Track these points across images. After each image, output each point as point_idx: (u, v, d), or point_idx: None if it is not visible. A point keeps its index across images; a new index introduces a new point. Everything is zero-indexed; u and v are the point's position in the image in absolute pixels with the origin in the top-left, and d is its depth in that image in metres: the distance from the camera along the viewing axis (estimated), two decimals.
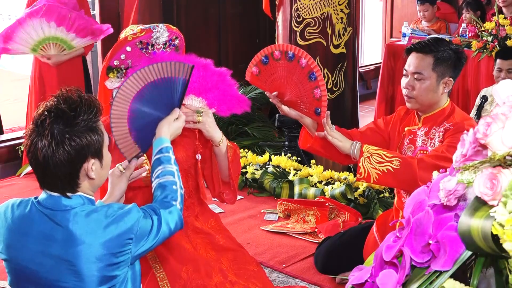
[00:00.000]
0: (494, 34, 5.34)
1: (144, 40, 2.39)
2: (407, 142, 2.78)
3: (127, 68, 2.42)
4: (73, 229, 1.72)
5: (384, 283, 1.49)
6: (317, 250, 3.16)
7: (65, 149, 1.70)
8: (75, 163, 1.73)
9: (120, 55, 2.39)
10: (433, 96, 2.70)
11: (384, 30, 8.28)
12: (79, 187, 1.78)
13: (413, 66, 2.70)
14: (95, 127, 1.76)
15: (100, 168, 1.80)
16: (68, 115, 1.71)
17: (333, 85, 4.75)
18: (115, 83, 2.43)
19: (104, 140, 1.80)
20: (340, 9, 4.65)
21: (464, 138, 1.48)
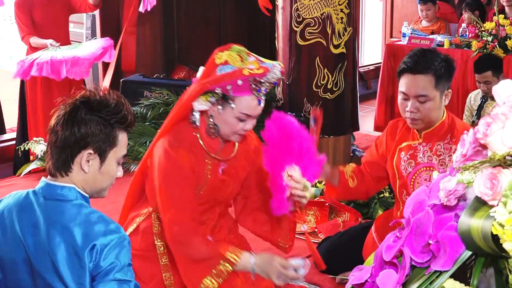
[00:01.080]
0: (494, 34, 5.34)
1: (258, 78, 2.26)
2: (407, 157, 2.72)
3: (224, 96, 2.28)
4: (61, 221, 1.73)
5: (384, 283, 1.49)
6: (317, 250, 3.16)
7: (73, 127, 1.74)
8: (74, 145, 1.75)
9: (227, 85, 2.25)
10: (438, 113, 2.64)
11: (384, 30, 8.29)
12: (70, 172, 1.77)
13: (415, 89, 2.57)
14: (112, 128, 1.78)
15: (97, 168, 1.79)
16: (95, 102, 1.77)
17: (333, 85, 4.75)
18: (203, 106, 2.30)
19: (114, 148, 1.80)
20: (340, 9, 4.64)
21: (464, 138, 1.48)
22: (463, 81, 5.60)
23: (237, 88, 2.25)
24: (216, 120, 2.32)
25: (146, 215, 2.47)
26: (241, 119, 2.30)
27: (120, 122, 1.79)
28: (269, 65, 2.29)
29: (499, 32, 5.32)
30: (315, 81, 4.72)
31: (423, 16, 6.51)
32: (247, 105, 2.28)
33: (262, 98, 2.31)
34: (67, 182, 1.78)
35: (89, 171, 1.78)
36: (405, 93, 2.60)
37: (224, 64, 2.28)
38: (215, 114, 2.31)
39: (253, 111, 2.30)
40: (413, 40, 5.94)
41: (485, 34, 5.40)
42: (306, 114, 4.76)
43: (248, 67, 2.25)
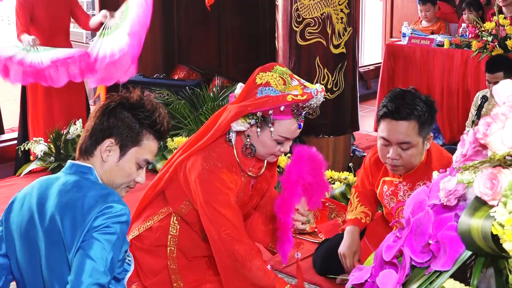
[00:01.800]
0: (494, 34, 5.34)
1: (301, 104, 2.25)
2: (390, 193, 2.69)
3: (264, 118, 2.27)
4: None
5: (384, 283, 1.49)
6: (316, 252, 3.16)
7: (103, 117, 1.85)
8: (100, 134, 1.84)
9: (269, 111, 2.23)
10: (419, 158, 2.55)
11: (384, 30, 8.29)
12: (92, 156, 1.86)
13: (398, 136, 2.46)
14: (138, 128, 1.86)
15: (116, 160, 1.86)
16: (132, 103, 1.87)
17: (333, 85, 4.75)
18: (242, 127, 2.29)
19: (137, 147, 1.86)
20: (340, 9, 4.64)
21: (464, 138, 1.48)
22: (463, 81, 5.61)
23: (278, 112, 2.23)
24: (253, 141, 2.32)
25: (165, 214, 2.48)
26: (279, 142, 2.30)
27: (150, 126, 1.87)
28: (313, 91, 2.26)
29: (499, 32, 5.33)
30: (315, 81, 4.72)
31: (423, 16, 6.51)
32: (286, 129, 2.28)
33: (302, 121, 2.31)
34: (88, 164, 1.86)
35: (107, 161, 1.85)
36: (387, 139, 2.49)
37: (265, 86, 2.25)
38: (253, 135, 2.30)
39: (292, 134, 2.31)
40: (413, 40, 5.94)
41: (485, 34, 5.40)
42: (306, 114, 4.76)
43: (292, 92, 2.23)
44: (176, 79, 5.85)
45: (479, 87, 5.11)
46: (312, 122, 4.78)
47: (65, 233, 1.74)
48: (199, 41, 6.21)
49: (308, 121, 4.77)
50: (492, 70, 4.57)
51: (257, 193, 2.48)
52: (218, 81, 5.64)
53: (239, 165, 2.37)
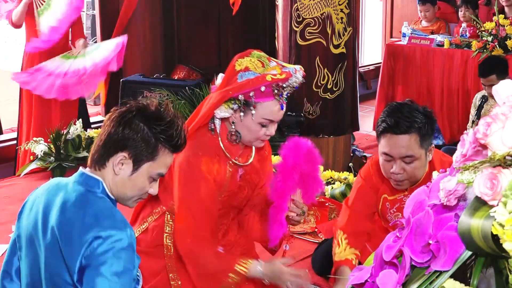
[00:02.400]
0: (494, 34, 5.34)
1: (281, 83, 2.26)
2: (394, 210, 2.63)
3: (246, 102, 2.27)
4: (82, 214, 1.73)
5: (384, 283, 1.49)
6: (315, 253, 3.16)
7: (119, 127, 1.76)
8: (114, 145, 1.77)
9: (250, 92, 2.24)
10: (424, 169, 2.50)
11: (384, 30, 8.29)
12: (103, 167, 1.79)
13: (401, 150, 2.42)
14: (156, 143, 1.77)
15: (128, 174, 1.78)
16: (152, 114, 1.78)
17: (333, 85, 4.75)
18: (225, 113, 2.30)
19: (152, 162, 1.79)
20: (340, 9, 4.64)
21: (464, 138, 1.48)
22: (463, 81, 5.61)
23: (259, 94, 2.23)
24: (238, 127, 2.31)
25: (159, 214, 2.47)
26: (263, 125, 2.30)
27: (167, 141, 1.79)
28: (291, 70, 2.28)
29: (499, 32, 5.33)
30: (315, 81, 4.72)
31: (422, 16, 6.52)
32: (269, 111, 2.28)
33: (284, 103, 2.30)
34: (98, 175, 1.80)
35: (119, 174, 1.78)
36: (389, 154, 2.46)
37: (245, 71, 2.27)
38: (237, 120, 2.30)
39: (275, 116, 2.30)
40: (413, 40, 5.94)
41: (485, 34, 5.40)
42: (306, 114, 4.77)
43: (270, 72, 2.24)
44: (176, 79, 5.85)
45: (479, 87, 5.11)
46: (312, 122, 4.78)
47: (64, 251, 1.71)
48: (199, 41, 6.21)
49: (308, 121, 4.78)
50: (484, 74, 4.58)
51: (247, 184, 2.45)
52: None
53: (225, 153, 2.37)
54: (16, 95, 5.21)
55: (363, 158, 5.19)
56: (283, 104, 2.30)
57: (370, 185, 2.70)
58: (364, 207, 2.72)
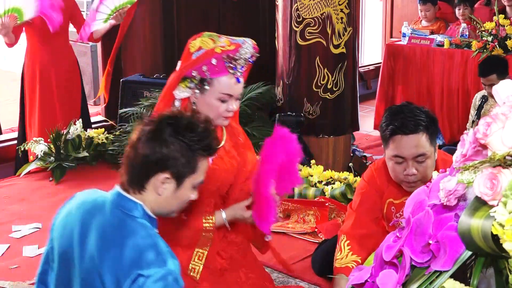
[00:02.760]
0: (494, 34, 5.34)
1: (232, 54, 2.30)
2: (400, 214, 2.55)
3: (202, 80, 2.31)
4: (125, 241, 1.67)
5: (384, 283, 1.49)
6: (314, 253, 3.16)
7: (154, 147, 1.69)
8: (153, 166, 1.70)
9: (202, 67, 2.29)
10: (433, 169, 2.46)
11: (384, 30, 8.28)
12: (144, 190, 1.73)
13: (413, 150, 2.41)
14: (193, 155, 1.72)
15: (172, 192, 1.74)
16: (182, 123, 1.72)
17: (333, 85, 4.75)
18: (184, 93, 2.34)
19: (193, 175, 1.74)
20: (340, 9, 4.64)
21: (464, 138, 1.48)
22: (463, 81, 5.61)
23: (213, 69, 2.29)
24: (199, 106, 2.35)
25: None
26: (222, 100, 2.33)
27: (204, 150, 1.74)
28: (240, 41, 2.35)
29: (499, 32, 5.33)
30: (315, 81, 4.72)
31: (423, 16, 6.52)
32: (225, 85, 2.32)
33: (240, 76, 2.35)
34: (137, 199, 1.73)
35: (163, 194, 1.73)
36: (401, 156, 2.42)
37: (198, 50, 2.33)
38: (197, 100, 2.35)
39: (233, 90, 2.34)
40: (413, 40, 5.94)
41: (485, 34, 5.40)
42: (306, 114, 4.77)
43: (219, 45, 2.31)
44: None
45: (479, 87, 5.11)
46: (312, 122, 4.78)
47: (105, 278, 1.65)
48: None
49: (308, 121, 4.78)
50: (484, 73, 4.58)
51: (222, 169, 2.44)
52: None
53: None
54: (16, 95, 5.20)
55: (363, 158, 5.19)
56: (239, 78, 2.35)
57: (375, 189, 2.68)
58: (369, 211, 2.69)
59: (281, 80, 4.91)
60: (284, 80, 4.85)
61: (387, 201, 2.66)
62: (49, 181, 4.33)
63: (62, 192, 4.08)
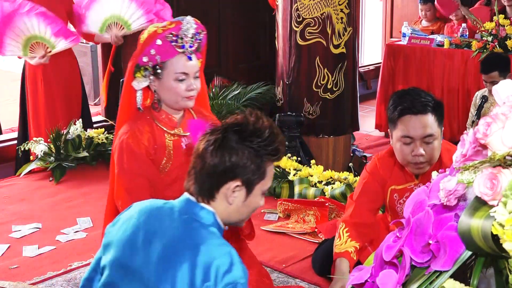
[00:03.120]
0: (494, 34, 5.34)
1: (174, 32, 2.36)
2: (404, 200, 2.62)
3: (154, 66, 2.38)
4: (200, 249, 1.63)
5: (384, 283, 1.49)
6: (315, 253, 3.16)
7: (223, 155, 1.67)
8: (223, 175, 1.68)
9: (150, 50, 2.35)
10: (439, 151, 2.51)
11: (384, 30, 8.29)
12: (214, 200, 1.71)
13: (422, 130, 2.43)
14: (262, 160, 1.69)
15: (242, 200, 1.72)
16: (248, 129, 1.69)
17: (333, 85, 4.75)
18: (143, 82, 2.40)
19: (262, 181, 1.71)
20: (340, 9, 4.65)
21: (464, 138, 1.48)
22: (463, 81, 5.61)
23: (161, 51, 2.35)
24: (160, 93, 2.41)
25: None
26: (179, 79, 2.38)
27: (271, 154, 1.71)
28: (180, 19, 2.41)
29: (499, 32, 5.33)
30: (315, 81, 4.72)
31: (423, 16, 6.53)
32: (178, 64, 2.38)
33: (191, 54, 2.41)
34: (209, 207, 1.72)
35: (234, 203, 1.71)
36: (410, 136, 2.45)
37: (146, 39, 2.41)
38: (157, 87, 2.41)
39: (186, 68, 2.39)
40: (413, 40, 5.94)
41: (485, 34, 5.40)
42: (306, 114, 4.77)
43: (160, 26, 2.38)
44: None
45: (479, 87, 5.11)
46: (312, 122, 4.79)
47: (174, 283, 1.62)
48: None
49: (308, 121, 4.79)
50: (486, 70, 4.58)
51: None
52: (218, 81, 5.64)
53: (159, 126, 2.46)
54: (16, 95, 5.20)
55: (363, 158, 5.19)
56: (190, 55, 2.41)
57: (377, 180, 2.70)
58: (369, 201, 2.72)
59: (281, 80, 4.91)
60: (284, 80, 4.85)
61: (389, 189, 2.67)
62: (49, 181, 4.33)
63: (62, 192, 4.08)
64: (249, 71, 6.35)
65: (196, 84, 2.43)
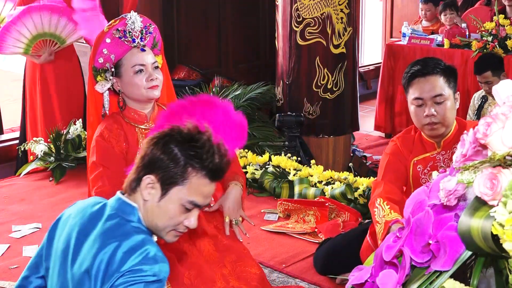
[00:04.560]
0: (494, 34, 5.34)
1: (121, 27, 2.42)
2: (428, 169, 2.67)
3: (112, 67, 2.43)
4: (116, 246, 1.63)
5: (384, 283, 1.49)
6: (317, 252, 3.16)
7: (153, 149, 1.66)
8: (145, 166, 1.66)
9: (102, 50, 2.41)
10: (453, 114, 2.60)
11: (384, 30, 8.29)
12: (135, 192, 1.69)
13: (431, 90, 2.55)
14: (184, 166, 1.64)
15: (157, 199, 1.66)
16: (184, 138, 1.66)
17: (333, 85, 4.75)
18: (106, 85, 2.46)
19: (181, 187, 1.64)
20: (340, 9, 4.65)
21: (464, 138, 1.48)
22: (463, 81, 5.61)
23: (113, 49, 2.41)
24: (125, 91, 2.46)
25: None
26: (137, 71, 2.42)
27: (197, 163, 1.64)
28: (124, 15, 2.47)
29: (499, 32, 5.33)
30: (315, 81, 4.72)
31: (423, 15, 6.53)
32: (133, 58, 2.42)
33: (142, 45, 2.45)
34: (132, 201, 1.71)
35: (149, 200, 1.67)
36: (421, 97, 2.57)
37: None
38: (120, 86, 2.46)
39: (142, 59, 2.43)
40: (413, 40, 5.94)
41: (485, 34, 5.40)
42: (306, 114, 4.77)
43: (107, 25, 2.46)
44: (176, 79, 5.84)
45: (479, 87, 5.11)
46: (312, 122, 4.79)
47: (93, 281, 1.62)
48: (199, 41, 6.20)
49: (308, 121, 4.79)
50: (479, 71, 4.59)
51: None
52: (218, 81, 5.64)
53: (127, 122, 2.51)
54: (15, 95, 5.20)
55: (363, 158, 5.19)
56: (143, 47, 2.45)
57: (399, 159, 2.74)
58: (395, 179, 2.71)
59: (281, 80, 4.91)
60: (284, 80, 4.85)
61: (412, 163, 2.72)
62: (49, 181, 4.33)
63: (62, 192, 4.08)
64: (249, 71, 6.35)
65: (157, 73, 2.47)
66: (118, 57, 2.43)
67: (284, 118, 4.68)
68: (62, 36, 4.54)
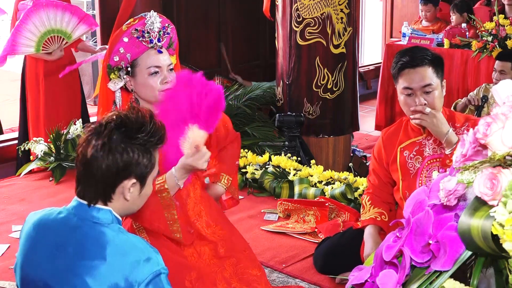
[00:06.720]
0: (494, 34, 5.35)
1: (139, 27, 2.38)
2: (414, 154, 2.77)
3: (127, 66, 2.39)
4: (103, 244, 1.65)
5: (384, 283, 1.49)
6: (316, 251, 3.16)
7: (114, 157, 1.66)
8: (117, 175, 1.68)
9: (119, 48, 2.37)
10: (441, 102, 2.69)
11: (384, 30, 8.29)
12: (110, 201, 1.71)
13: (421, 80, 2.64)
14: (150, 152, 1.72)
15: (137, 194, 1.74)
16: (132, 127, 1.69)
17: (333, 85, 4.75)
18: (119, 83, 2.41)
19: (152, 170, 1.75)
20: (340, 9, 4.64)
21: (464, 138, 1.48)
22: (463, 81, 5.61)
23: (130, 49, 2.37)
24: (137, 91, 2.41)
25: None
26: (152, 73, 2.38)
27: (157, 144, 1.74)
28: (143, 14, 2.43)
29: (499, 32, 5.33)
30: (315, 81, 4.72)
31: (423, 16, 6.53)
32: (149, 59, 2.38)
33: (160, 47, 2.42)
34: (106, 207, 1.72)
35: (131, 198, 1.73)
36: (410, 87, 2.66)
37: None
38: (133, 85, 2.41)
39: (158, 61, 2.39)
40: (413, 40, 5.94)
41: (485, 34, 5.40)
42: (306, 114, 4.77)
43: (125, 24, 2.41)
44: None
45: None
46: (312, 122, 4.78)
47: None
48: (199, 41, 6.21)
49: (308, 121, 4.78)
50: (502, 57, 4.61)
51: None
52: (218, 81, 5.64)
53: None
54: (16, 95, 5.20)
55: (363, 158, 5.18)
56: (160, 49, 2.42)
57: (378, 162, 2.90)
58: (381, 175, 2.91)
59: (281, 80, 4.91)
60: (284, 80, 4.85)
61: (398, 150, 2.81)
62: (49, 181, 4.33)
63: (62, 192, 4.08)
64: (249, 71, 6.35)
65: (171, 76, 2.42)
66: (134, 57, 2.38)
67: (284, 118, 4.68)
68: (68, 31, 4.55)
